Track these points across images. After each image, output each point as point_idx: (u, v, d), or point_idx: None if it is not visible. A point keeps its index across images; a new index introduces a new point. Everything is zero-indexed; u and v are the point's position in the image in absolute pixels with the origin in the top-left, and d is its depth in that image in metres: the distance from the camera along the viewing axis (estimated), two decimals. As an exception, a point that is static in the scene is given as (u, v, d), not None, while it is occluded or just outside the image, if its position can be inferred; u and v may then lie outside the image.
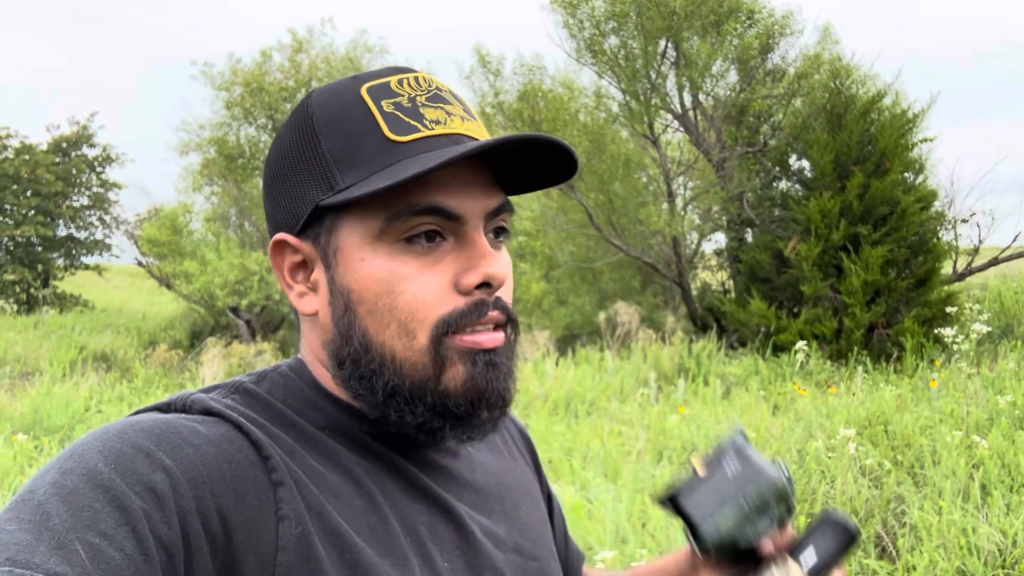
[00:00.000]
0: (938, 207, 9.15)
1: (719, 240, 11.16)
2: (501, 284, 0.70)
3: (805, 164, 9.54)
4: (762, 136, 9.88)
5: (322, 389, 0.72)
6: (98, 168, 18.73)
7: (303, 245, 0.71)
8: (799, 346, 6.45)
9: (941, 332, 5.31)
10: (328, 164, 0.68)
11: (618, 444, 4.96)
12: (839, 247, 8.53)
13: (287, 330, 12.82)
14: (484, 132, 0.73)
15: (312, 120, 0.69)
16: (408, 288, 0.67)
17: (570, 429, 5.41)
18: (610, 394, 6.44)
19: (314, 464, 0.66)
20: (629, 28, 9.21)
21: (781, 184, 9.94)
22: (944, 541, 3.31)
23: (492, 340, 0.69)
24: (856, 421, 5.16)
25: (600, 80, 9.90)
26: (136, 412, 0.66)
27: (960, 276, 9.42)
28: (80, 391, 7.47)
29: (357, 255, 0.68)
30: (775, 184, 9.97)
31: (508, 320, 0.71)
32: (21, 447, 5.17)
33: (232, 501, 0.60)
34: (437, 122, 0.69)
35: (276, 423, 0.68)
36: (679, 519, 0.81)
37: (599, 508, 3.86)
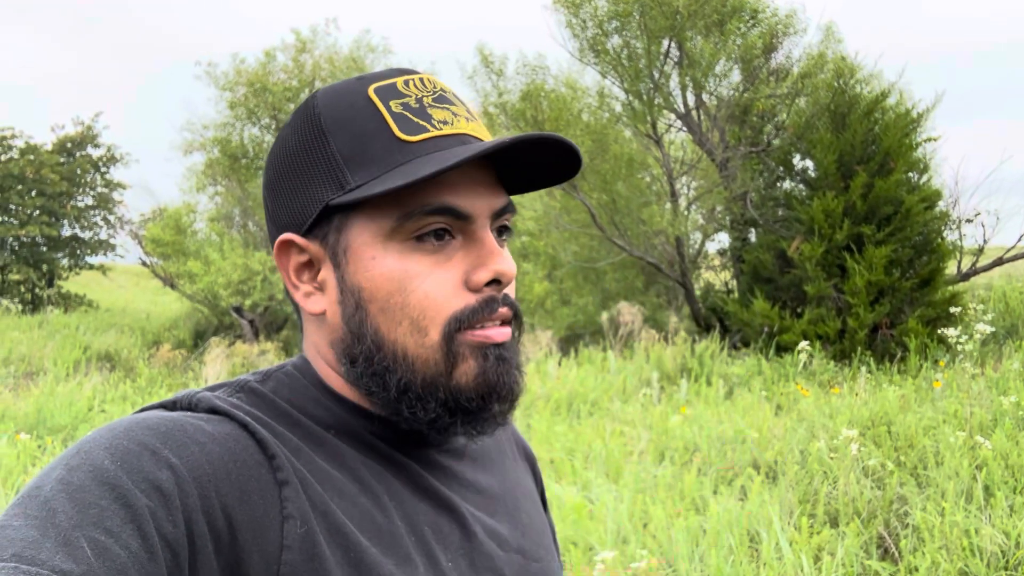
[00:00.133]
0: (942, 207, 9.12)
1: (722, 240, 11.14)
2: (510, 281, 0.70)
3: (809, 164, 9.52)
4: (765, 136, 9.85)
5: (327, 388, 0.72)
6: (102, 168, 18.76)
7: (310, 245, 0.71)
8: (802, 346, 6.43)
9: (944, 332, 5.29)
10: (337, 163, 0.68)
11: (620, 444, 4.95)
12: (843, 247, 8.51)
13: (290, 330, 12.84)
14: (486, 133, 0.74)
15: (319, 120, 0.69)
16: (420, 286, 0.67)
17: (572, 429, 5.40)
18: (612, 394, 6.43)
19: (319, 463, 0.67)
20: (632, 28, 9.20)
21: (785, 184, 9.92)
22: (947, 542, 3.29)
23: (502, 334, 0.70)
24: (859, 422, 5.14)
25: (603, 80, 9.90)
26: (142, 410, 0.66)
27: (965, 276, 9.38)
28: (83, 391, 7.48)
29: (368, 253, 0.68)
30: (779, 184, 9.95)
31: (515, 316, 0.72)
32: (24, 446, 5.18)
33: (237, 500, 0.60)
34: (445, 122, 0.69)
35: (281, 422, 0.68)
36: None
37: (600, 508, 3.85)
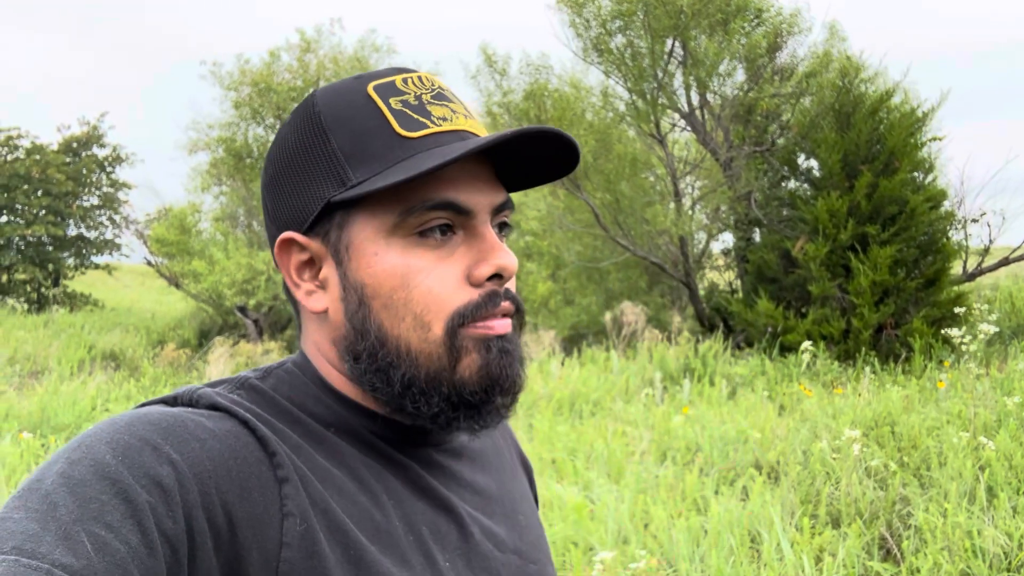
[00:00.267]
0: (948, 206, 9.08)
1: (727, 240, 11.12)
2: (512, 275, 0.71)
3: (813, 163, 9.49)
4: (770, 135, 9.83)
5: (327, 386, 0.72)
6: (108, 168, 18.80)
7: (311, 243, 0.71)
8: (805, 346, 6.41)
9: (948, 333, 5.27)
10: (339, 160, 0.68)
11: (622, 444, 4.94)
12: (847, 247, 8.48)
13: (294, 329, 12.86)
14: (483, 130, 0.74)
15: (319, 118, 0.70)
16: (423, 281, 0.68)
17: (574, 429, 5.39)
18: (615, 394, 6.42)
19: (319, 461, 0.67)
20: (636, 27, 9.18)
21: (789, 184, 9.89)
22: (949, 543, 3.28)
23: (503, 326, 0.70)
24: (862, 422, 5.12)
25: (607, 80, 9.88)
26: (143, 404, 0.66)
27: (970, 276, 9.35)
28: (87, 390, 7.50)
29: (371, 249, 0.68)
30: (783, 184, 9.92)
31: (516, 310, 0.72)
32: (28, 445, 5.19)
33: (237, 497, 0.60)
34: (444, 119, 0.70)
35: (281, 419, 0.68)
36: None
37: (601, 509, 3.85)
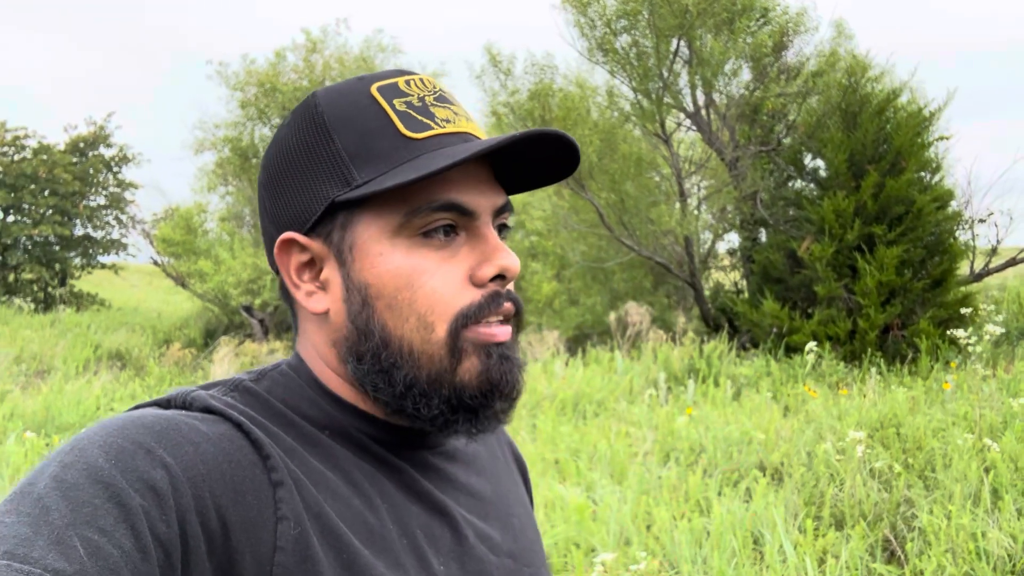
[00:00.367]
0: (955, 206, 9.03)
1: (732, 240, 11.09)
2: (515, 276, 0.71)
3: (819, 163, 9.45)
4: (776, 135, 9.79)
5: (323, 388, 0.72)
6: (115, 168, 18.88)
7: (313, 243, 0.70)
8: (810, 347, 6.38)
9: (954, 334, 5.24)
10: (343, 160, 0.68)
11: (625, 445, 4.92)
12: (854, 247, 8.44)
13: (299, 329, 12.87)
14: (482, 133, 0.75)
15: (323, 118, 0.69)
16: (428, 281, 0.68)
17: (577, 429, 5.38)
18: (619, 395, 6.40)
19: (313, 464, 0.66)
20: (641, 26, 9.16)
21: (795, 183, 9.85)
22: (953, 546, 3.25)
23: (504, 333, 0.70)
24: (868, 423, 5.10)
25: (613, 79, 9.86)
26: (136, 407, 0.66)
27: (978, 276, 9.29)
28: (92, 389, 7.52)
29: (375, 250, 0.68)
30: (789, 183, 9.88)
31: (516, 312, 0.72)
32: (31, 445, 5.20)
33: (231, 500, 0.60)
34: (447, 120, 0.70)
35: (275, 422, 0.68)
36: None
37: (604, 510, 3.83)
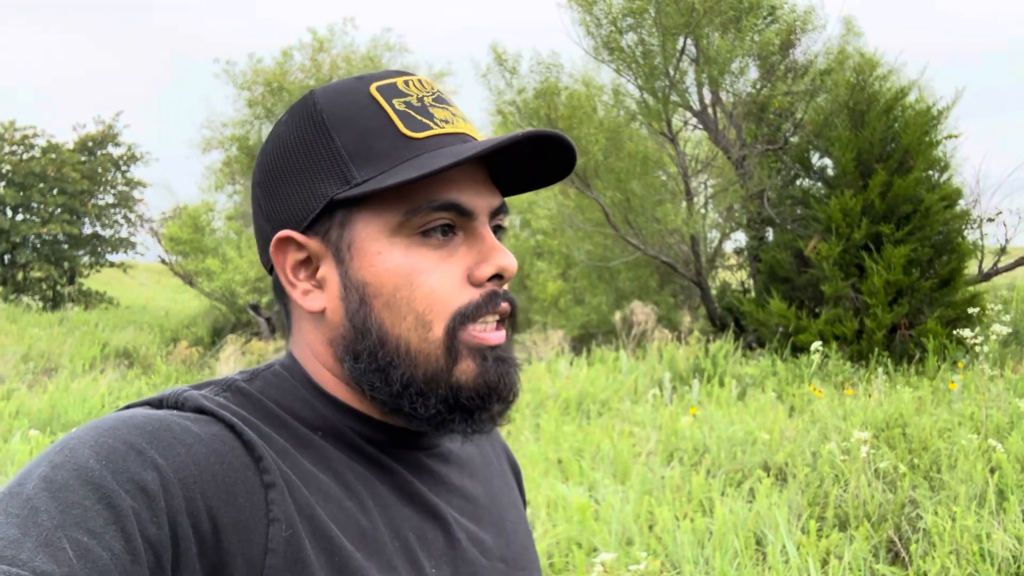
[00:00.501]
0: (963, 205, 8.97)
1: (739, 239, 11.05)
2: (511, 277, 0.71)
3: (827, 162, 9.40)
4: (783, 133, 9.74)
5: (317, 388, 0.71)
6: (123, 167, 18.97)
7: (310, 242, 0.70)
8: (815, 346, 6.35)
9: (960, 334, 5.20)
10: (343, 159, 0.68)
11: (628, 445, 4.90)
12: (861, 246, 8.39)
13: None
14: (479, 135, 0.75)
15: (322, 117, 0.69)
16: (427, 280, 0.68)
17: (581, 429, 5.36)
18: (623, 394, 6.38)
19: (306, 465, 0.66)
20: (647, 24, 9.13)
21: (803, 182, 9.80)
22: (957, 547, 3.23)
23: (497, 337, 0.70)
24: (873, 424, 5.07)
25: (619, 78, 9.83)
26: (128, 406, 0.65)
27: (986, 276, 9.23)
28: (98, 387, 7.54)
29: (374, 248, 0.68)
30: (796, 182, 9.84)
31: (511, 312, 0.72)
32: (37, 443, 5.22)
33: (223, 502, 0.59)
34: (446, 121, 0.71)
35: (268, 423, 0.67)
36: None
37: (606, 509, 3.82)
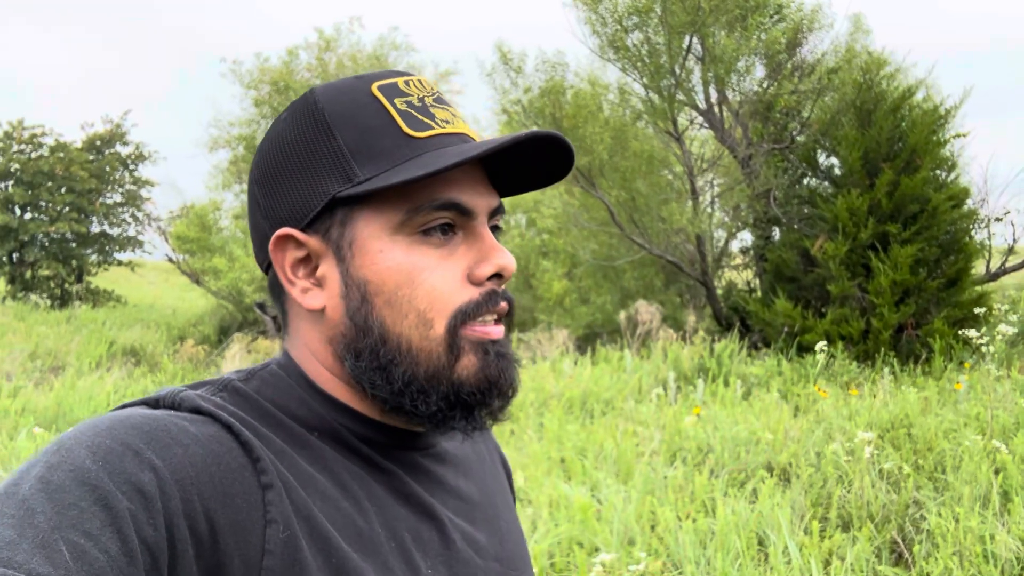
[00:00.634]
0: (971, 205, 8.91)
1: (746, 239, 11.02)
2: (511, 275, 0.71)
3: (833, 161, 9.36)
4: (789, 132, 9.71)
5: (314, 387, 0.71)
6: (131, 165, 19.03)
7: (310, 239, 0.70)
8: (820, 346, 6.32)
9: (965, 333, 5.17)
10: (345, 157, 0.68)
11: (632, 444, 4.89)
12: (867, 246, 8.35)
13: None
14: (478, 136, 0.75)
15: (323, 115, 0.69)
16: (428, 279, 0.68)
17: (584, 428, 5.35)
18: (627, 394, 6.37)
19: (303, 466, 0.66)
20: (653, 23, 9.11)
21: (809, 181, 9.76)
22: (960, 548, 3.21)
23: (499, 332, 0.71)
24: (879, 424, 5.04)
25: (625, 77, 9.81)
26: (124, 405, 0.65)
27: (993, 276, 9.18)
28: (104, 385, 7.57)
29: (375, 246, 0.68)
30: (803, 181, 9.80)
31: (508, 311, 0.73)
32: (42, 440, 5.25)
33: (220, 503, 0.59)
34: (446, 121, 0.71)
35: (265, 423, 0.67)
36: None
37: (608, 509, 3.81)
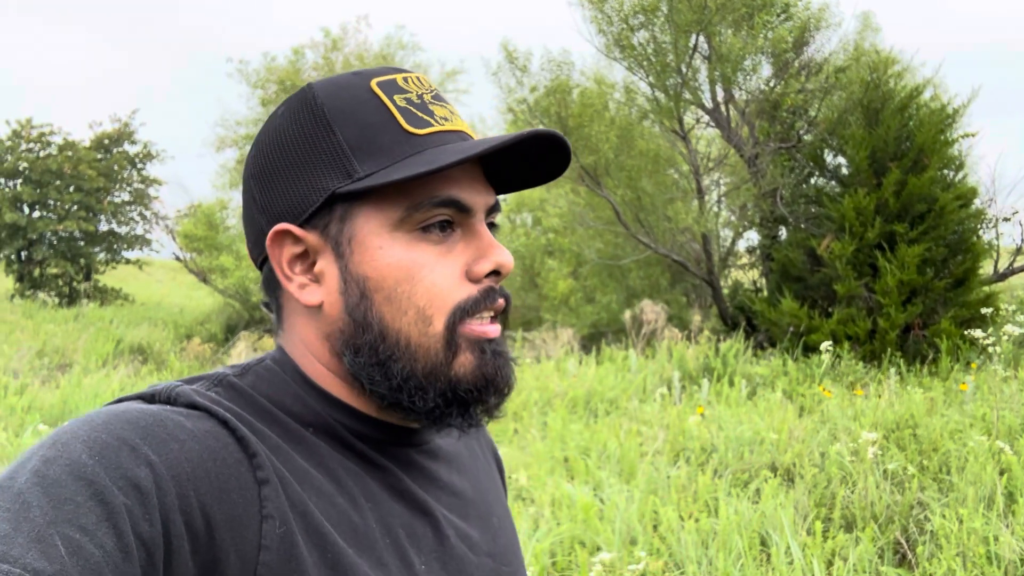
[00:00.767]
0: (978, 204, 8.86)
1: (752, 238, 10.98)
2: (508, 272, 0.72)
3: (840, 160, 9.32)
4: (796, 131, 9.67)
5: (310, 383, 0.71)
6: (139, 164, 19.08)
7: (308, 235, 0.70)
8: (825, 346, 6.30)
9: (971, 334, 5.14)
10: (345, 153, 0.68)
11: (635, 444, 4.88)
12: (874, 245, 8.32)
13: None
14: (475, 134, 0.75)
15: (323, 110, 0.69)
16: (428, 275, 0.68)
17: (588, 428, 5.34)
18: (631, 393, 6.36)
19: (298, 462, 0.66)
20: (659, 21, 9.09)
21: (816, 180, 9.72)
22: (964, 549, 3.19)
23: (496, 330, 0.71)
24: (884, 424, 5.02)
25: (631, 75, 9.79)
26: (119, 400, 0.65)
27: (1001, 276, 9.13)
28: (110, 383, 7.60)
29: (375, 243, 0.68)
30: (810, 180, 9.76)
31: (505, 309, 0.73)
32: (47, 437, 5.27)
33: (216, 499, 0.59)
34: (445, 119, 0.71)
35: (260, 419, 0.67)
36: None
37: (610, 509, 3.80)
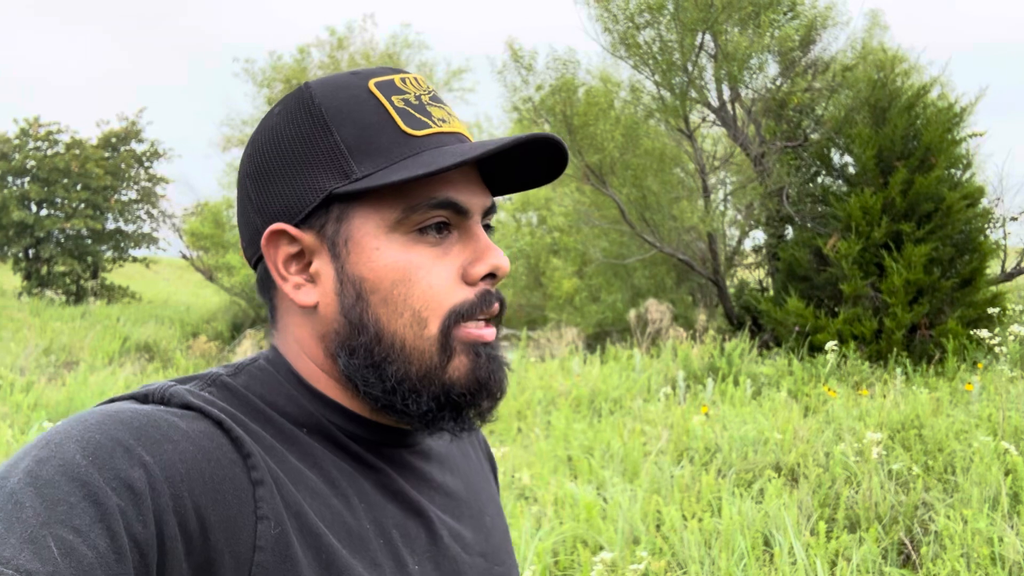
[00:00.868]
0: (986, 204, 8.82)
1: (758, 237, 10.95)
2: (504, 275, 0.72)
3: (847, 159, 9.28)
4: (803, 130, 9.64)
5: (304, 383, 0.71)
6: (146, 163, 19.16)
7: (304, 235, 0.69)
8: (830, 346, 6.27)
9: (977, 334, 5.11)
10: (342, 153, 0.68)
11: (639, 443, 4.87)
12: (881, 245, 8.28)
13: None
14: (472, 136, 0.76)
15: (320, 110, 0.69)
16: (424, 277, 0.68)
17: (592, 427, 5.34)
18: (636, 392, 6.34)
19: (292, 462, 0.66)
20: (665, 20, 9.07)
21: (823, 180, 9.69)
22: (968, 550, 3.17)
23: (491, 334, 0.71)
24: (889, 425, 5.00)
25: (637, 74, 9.77)
26: (112, 399, 0.64)
27: (1008, 276, 9.08)
28: (117, 381, 7.63)
29: (372, 244, 0.68)
30: (816, 179, 9.73)
31: (499, 312, 0.73)
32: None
33: (210, 500, 0.59)
34: (443, 120, 0.71)
35: (254, 419, 0.67)
36: None
37: (613, 508, 3.79)
